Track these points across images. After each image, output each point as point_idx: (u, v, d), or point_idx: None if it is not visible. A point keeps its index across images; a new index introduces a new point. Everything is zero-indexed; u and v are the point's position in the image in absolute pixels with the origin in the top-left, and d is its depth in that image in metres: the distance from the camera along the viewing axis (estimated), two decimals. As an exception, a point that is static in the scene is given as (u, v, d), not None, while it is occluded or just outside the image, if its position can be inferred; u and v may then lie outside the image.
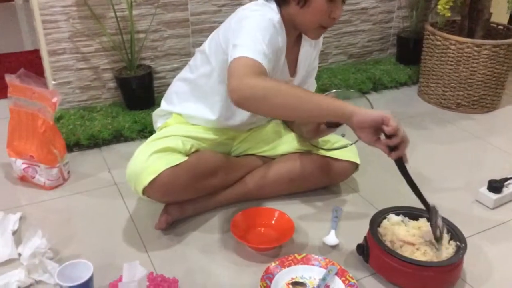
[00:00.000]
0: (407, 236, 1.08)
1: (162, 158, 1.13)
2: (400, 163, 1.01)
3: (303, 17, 1.12)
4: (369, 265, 1.10)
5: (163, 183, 1.11)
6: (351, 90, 1.41)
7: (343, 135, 1.21)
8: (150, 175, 1.10)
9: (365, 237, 1.12)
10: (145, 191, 1.12)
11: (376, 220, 1.14)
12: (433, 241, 1.06)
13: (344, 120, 0.97)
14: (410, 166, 1.03)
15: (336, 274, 1.06)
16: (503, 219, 1.32)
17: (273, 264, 1.08)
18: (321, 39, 1.32)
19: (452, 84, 1.96)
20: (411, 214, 1.17)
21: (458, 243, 1.07)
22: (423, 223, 1.13)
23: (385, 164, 1.57)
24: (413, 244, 1.07)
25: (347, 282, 1.04)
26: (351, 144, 1.25)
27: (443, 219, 1.10)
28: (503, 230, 1.27)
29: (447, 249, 1.06)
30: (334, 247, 1.19)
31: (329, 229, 1.24)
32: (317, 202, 1.36)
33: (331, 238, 1.20)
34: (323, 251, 1.17)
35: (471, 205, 1.37)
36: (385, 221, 1.15)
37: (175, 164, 1.13)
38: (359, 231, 1.25)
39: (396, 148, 0.97)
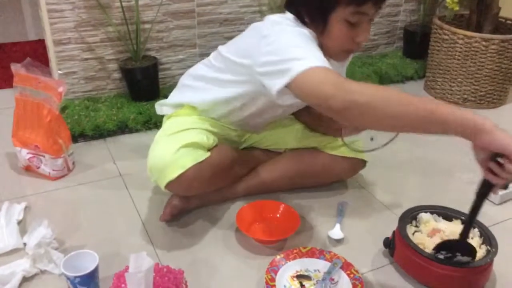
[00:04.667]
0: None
1: (189, 153, 1.10)
2: (485, 188, 0.93)
3: (324, 43, 1.04)
4: (394, 259, 1.11)
5: (189, 179, 1.09)
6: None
7: (371, 139, 1.18)
8: (178, 170, 1.07)
9: (394, 232, 1.12)
10: (168, 184, 1.09)
11: (406, 217, 1.13)
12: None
13: (469, 135, 0.86)
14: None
15: (341, 267, 1.06)
16: (509, 215, 1.31)
17: (278, 256, 1.08)
18: (350, 58, 1.25)
19: (459, 79, 1.95)
20: (445, 214, 1.16)
21: (489, 247, 1.06)
22: (456, 225, 1.12)
23: (391, 160, 1.58)
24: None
25: (352, 275, 1.04)
26: (382, 146, 1.20)
27: (478, 222, 1.11)
28: (509, 226, 1.26)
29: (477, 253, 1.05)
30: (339, 241, 1.18)
31: (334, 223, 1.24)
32: (322, 196, 1.36)
33: (336, 232, 1.20)
34: (328, 245, 1.17)
35: (477, 201, 1.37)
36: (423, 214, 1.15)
37: (201, 160, 1.11)
38: (364, 226, 1.25)
39: (497, 176, 0.88)
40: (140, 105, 1.73)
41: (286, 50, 0.96)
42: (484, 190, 0.94)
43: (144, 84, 1.77)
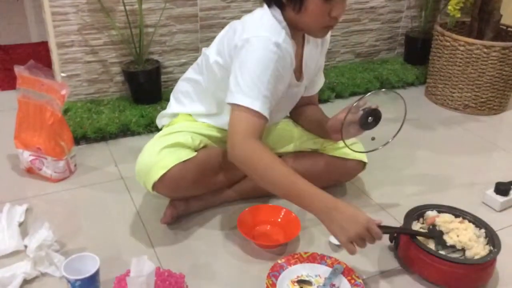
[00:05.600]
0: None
1: (172, 153, 1.13)
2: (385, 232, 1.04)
3: (303, 21, 1.09)
4: (398, 255, 1.14)
5: (173, 178, 1.11)
6: (384, 90, 1.40)
7: (373, 139, 1.19)
8: (160, 170, 1.10)
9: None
10: (154, 186, 1.12)
11: (413, 214, 1.15)
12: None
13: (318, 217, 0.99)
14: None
15: (342, 273, 1.06)
16: (510, 221, 1.31)
17: (279, 261, 1.08)
18: (328, 39, 1.30)
19: (460, 85, 1.95)
20: (452, 213, 1.18)
21: (491, 247, 1.08)
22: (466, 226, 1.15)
23: (391, 163, 1.58)
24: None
25: (353, 281, 1.04)
26: (382, 146, 1.22)
27: (484, 222, 1.15)
28: (510, 233, 1.27)
29: (481, 252, 1.07)
30: (340, 246, 1.18)
31: (335, 228, 1.23)
32: (323, 200, 1.36)
33: (337, 237, 1.20)
34: (329, 250, 1.17)
35: (478, 207, 1.36)
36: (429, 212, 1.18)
37: (185, 159, 1.12)
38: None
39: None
40: (143, 108, 1.74)
41: (247, 77, 1.04)
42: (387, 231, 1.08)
43: (146, 87, 1.78)
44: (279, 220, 1.23)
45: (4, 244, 1.12)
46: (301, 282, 1.05)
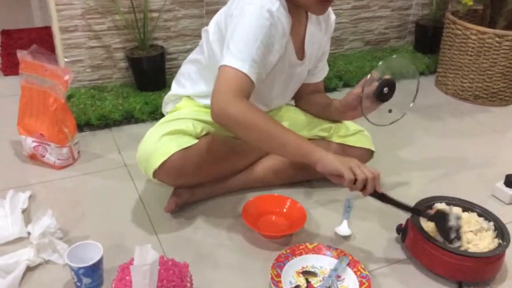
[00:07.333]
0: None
1: (173, 141, 1.11)
2: (374, 195, 1.04)
3: None
4: (405, 246, 1.13)
5: (174, 166, 1.10)
6: (395, 56, 1.36)
7: (390, 111, 1.17)
8: (161, 157, 1.09)
9: (407, 219, 1.13)
10: (155, 173, 1.11)
11: (421, 205, 1.14)
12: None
13: (309, 164, 1.03)
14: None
15: (348, 265, 1.05)
16: (520, 215, 1.29)
17: (284, 252, 1.07)
18: (332, 21, 1.28)
19: (471, 75, 1.91)
20: (461, 206, 1.16)
21: (501, 241, 1.06)
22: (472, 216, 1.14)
23: (399, 153, 1.55)
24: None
25: (359, 273, 1.03)
26: (401, 117, 1.20)
27: (493, 215, 1.13)
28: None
29: (489, 245, 1.06)
30: (346, 237, 1.17)
31: (341, 219, 1.22)
32: (329, 191, 1.34)
33: (343, 229, 1.18)
34: (335, 241, 1.16)
35: (487, 200, 1.34)
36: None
37: (186, 146, 1.11)
38: (372, 222, 1.23)
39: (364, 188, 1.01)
40: (147, 95, 1.72)
41: (239, 41, 1.03)
42: (376, 197, 1.05)
43: (150, 73, 1.75)
44: (285, 210, 1.21)
45: (7, 230, 1.12)
46: (306, 273, 1.04)
